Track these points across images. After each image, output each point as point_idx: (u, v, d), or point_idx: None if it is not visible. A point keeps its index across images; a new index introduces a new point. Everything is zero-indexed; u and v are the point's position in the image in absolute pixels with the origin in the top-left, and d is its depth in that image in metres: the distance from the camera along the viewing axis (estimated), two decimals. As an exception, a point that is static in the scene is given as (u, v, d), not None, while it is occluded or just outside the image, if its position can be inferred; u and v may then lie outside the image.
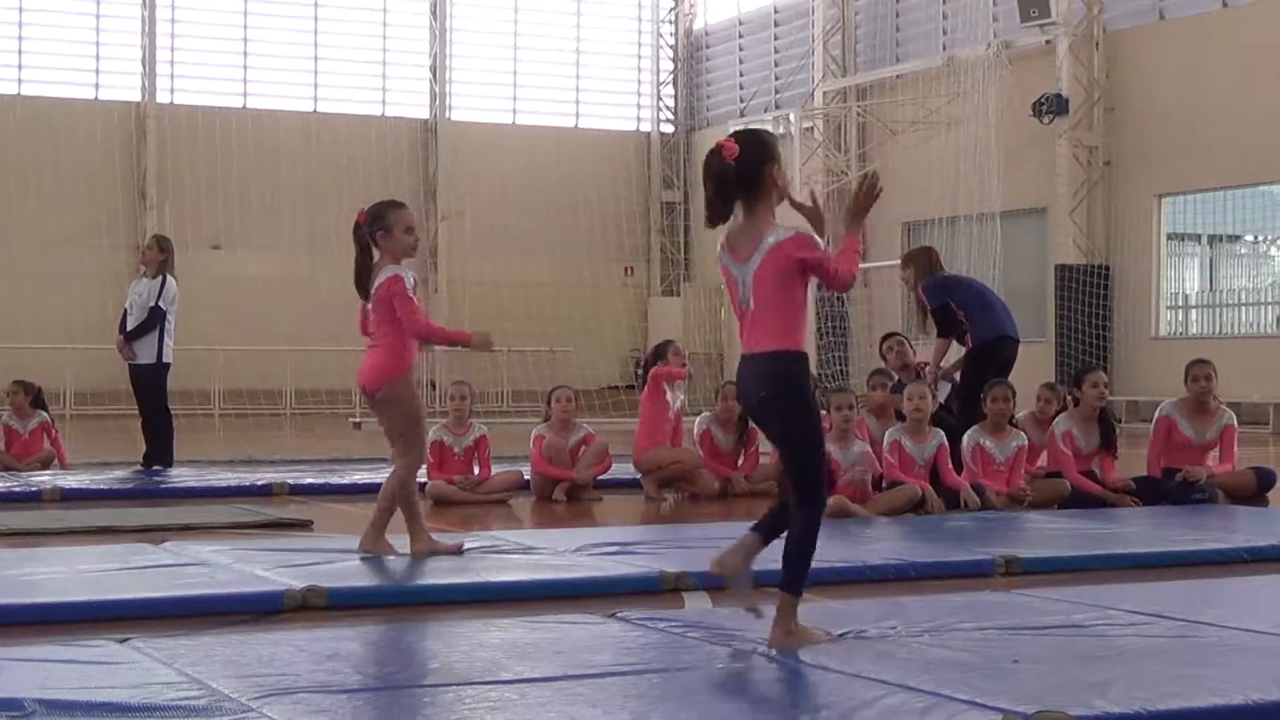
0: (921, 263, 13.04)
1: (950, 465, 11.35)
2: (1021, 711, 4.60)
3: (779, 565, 5.77)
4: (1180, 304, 28.08)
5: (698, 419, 13.19)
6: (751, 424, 13.17)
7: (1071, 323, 26.94)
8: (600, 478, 12.75)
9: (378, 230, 8.38)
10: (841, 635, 5.91)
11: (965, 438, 11.60)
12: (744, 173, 5.76)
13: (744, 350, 5.89)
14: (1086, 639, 5.95)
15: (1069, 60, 27.46)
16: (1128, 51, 27.63)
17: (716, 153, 5.75)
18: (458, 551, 8.43)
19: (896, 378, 12.95)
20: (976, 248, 27.43)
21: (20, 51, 32.53)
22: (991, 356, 12.37)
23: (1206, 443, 11.99)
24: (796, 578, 5.75)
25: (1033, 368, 20.20)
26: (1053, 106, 27.37)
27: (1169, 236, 27.68)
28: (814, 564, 5.83)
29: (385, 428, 8.70)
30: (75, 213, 31.48)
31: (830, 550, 8.66)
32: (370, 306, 8.48)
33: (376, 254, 8.45)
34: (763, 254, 5.74)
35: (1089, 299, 27.00)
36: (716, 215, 5.79)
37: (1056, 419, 11.95)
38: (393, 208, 8.49)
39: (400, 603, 7.02)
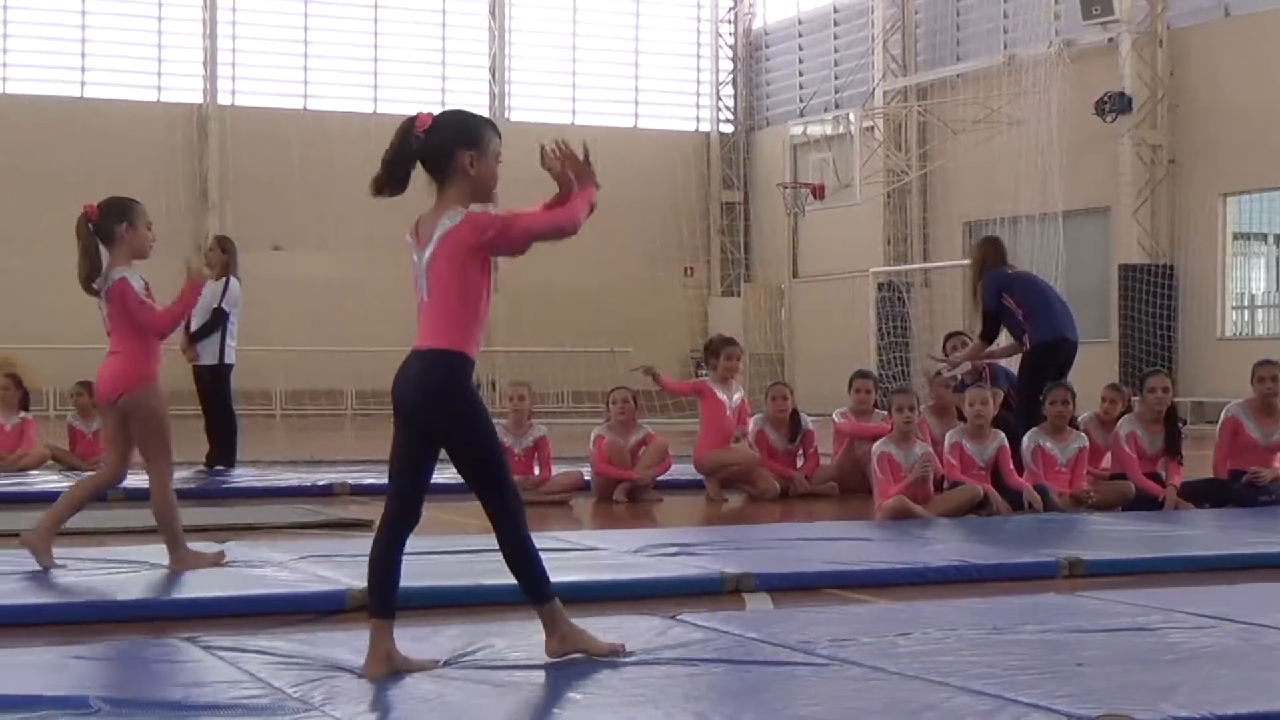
0: (981, 255, 12.94)
1: (1012, 466, 11.30)
2: (1086, 715, 4.58)
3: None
4: (1246, 304, 27.88)
5: (752, 420, 13.17)
6: (808, 425, 13.16)
7: (1135, 323, 26.78)
8: (661, 478, 12.74)
9: (120, 224, 8.03)
10: (902, 635, 5.89)
11: (1025, 439, 11.54)
12: (428, 149, 5.40)
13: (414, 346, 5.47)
14: (1151, 642, 5.91)
15: (1132, 58, 27.30)
16: (1192, 48, 27.44)
17: (409, 122, 5.44)
18: (219, 562, 8.00)
19: (960, 378, 12.90)
20: (1039, 248, 27.30)
21: (83, 55, 32.79)
22: (1050, 358, 12.28)
23: (1273, 444, 11.87)
24: (540, 581, 5.48)
25: (1096, 368, 20.11)
26: (1116, 105, 27.22)
27: (1234, 236, 27.49)
28: (876, 565, 5.80)
29: (117, 437, 8.10)
30: (138, 214, 31.59)
31: (891, 552, 8.67)
32: (106, 308, 8.06)
33: (106, 253, 8.06)
34: (435, 241, 5.36)
35: (1153, 299, 26.83)
36: (381, 185, 5.38)
37: (1121, 420, 11.88)
38: (132, 203, 8.19)
39: (462, 602, 7.04)
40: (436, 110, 5.53)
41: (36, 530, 7.87)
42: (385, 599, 5.36)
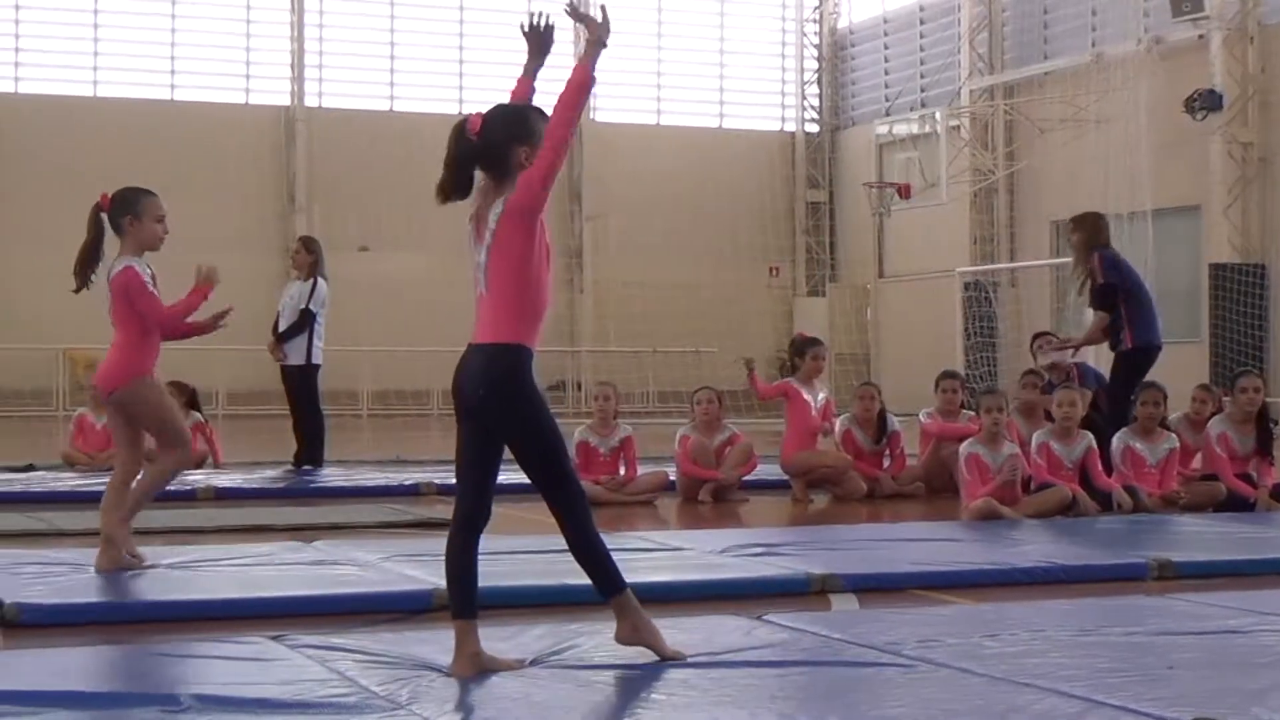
0: (1091, 228, 12.73)
1: (1100, 467, 11.22)
2: (1175, 719, 4.54)
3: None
4: (1339, 303, 27.53)
5: (839, 420, 13.13)
6: (894, 425, 13.11)
7: (1226, 323, 26.50)
8: (746, 478, 12.72)
9: (126, 216, 7.94)
10: (989, 637, 5.85)
11: (1115, 440, 11.45)
12: (485, 149, 5.43)
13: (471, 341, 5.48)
14: (1242, 645, 5.86)
15: (1222, 55, 27.01)
16: (1283, 45, 27.14)
17: (461, 125, 5.48)
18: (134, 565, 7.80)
19: (1048, 378, 12.81)
20: (1128, 247, 26.94)
21: (173, 58, 33.08)
22: (1148, 361, 12.16)
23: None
24: (610, 574, 5.47)
25: (1187, 369, 19.93)
26: (1206, 102, 26.93)
27: (1328, 234, 27.17)
28: (963, 566, 5.78)
29: (122, 431, 8.07)
30: (226, 216, 31.95)
31: (978, 553, 8.63)
32: (110, 300, 8.00)
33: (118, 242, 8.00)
34: (493, 225, 5.36)
35: (1245, 299, 26.53)
36: (446, 191, 5.45)
37: (1211, 421, 11.76)
38: (145, 194, 8.05)
39: (548, 602, 7.05)
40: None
41: (105, 555, 7.74)
42: (466, 599, 5.37)
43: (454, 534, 5.46)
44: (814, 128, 37.61)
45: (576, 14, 5.57)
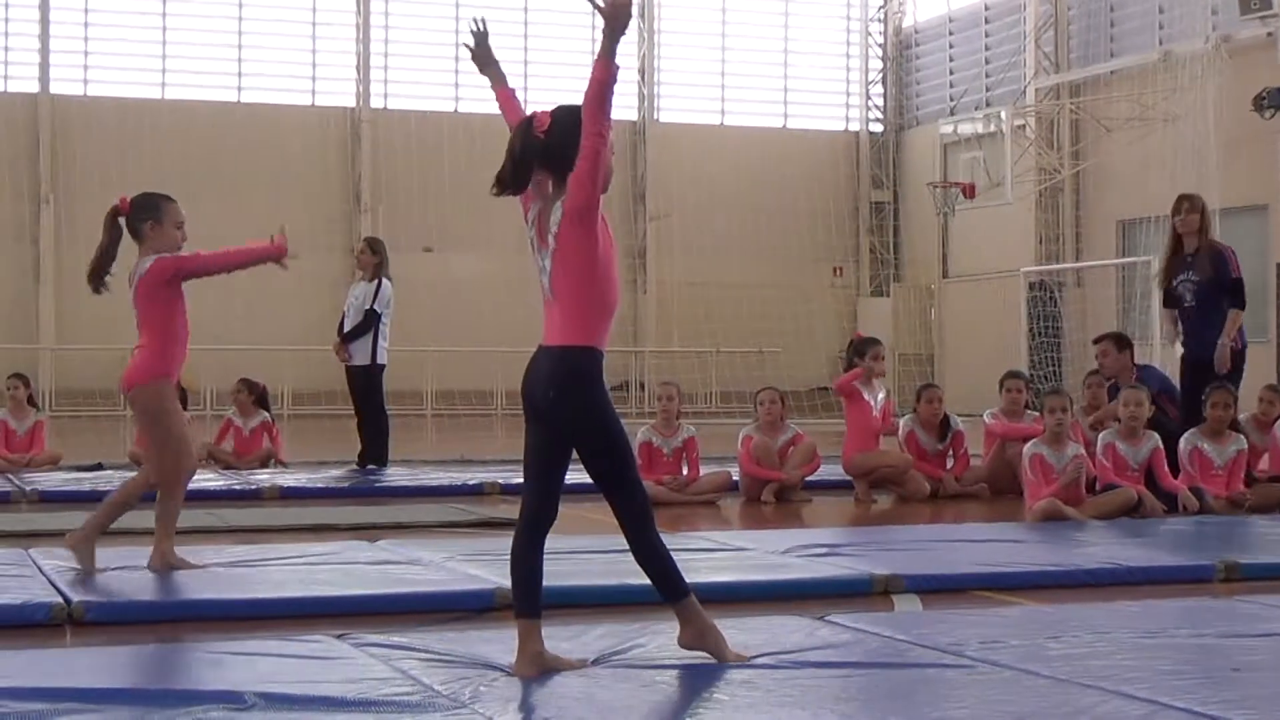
0: (1207, 214, 12.54)
1: (1166, 468, 11.14)
2: (1242, 720, 4.51)
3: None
4: None
5: (901, 421, 13.10)
6: (958, 426, 13.07)
7: (1294, 323, 26.28)
8: (809, 479, 12.70)
9: (147, 220, 7.93)
10: (1053, 638, 5.82)
11: (1183, 441, 11.37)
12: (550, 148, 5.41)
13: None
14: (1310, 647, 5.81)
15: (1291, 53, 26.76)
16: (1355, 43, 26.87)
17: (528, 122, 5.47)
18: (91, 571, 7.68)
19: (1113, 380, 12.72)
20: (1194, 246, 26.86)
21: (240, 60, 33.28)
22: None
23: None
24: (674, 577, 5.45)
25: (1254, 369, 19.73)
26: (1274, 101, 26.66)
27: (1397, 233, 26.89)
28: (1027, 567, 5.75)
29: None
30: (292, 217, 31.76)
31: (1043, 554, 8.58)
32: (133, 302, 8.00)
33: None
34: (556, 226, 5.36)
35: (1313, 298, 26.31)
36: (503, 185, 5.45)
37: (1279, 421, 11.67)
38: (165, 200, 8.04)
39: (610, 601, 7.06)
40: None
41: (156, 552, 7.79)
42: (530, 599, 5.38)
43: (520, 534, 5.48)
44: (878, 127, 37.49)
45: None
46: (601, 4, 5.32)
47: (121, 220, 8.07)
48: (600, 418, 5.39)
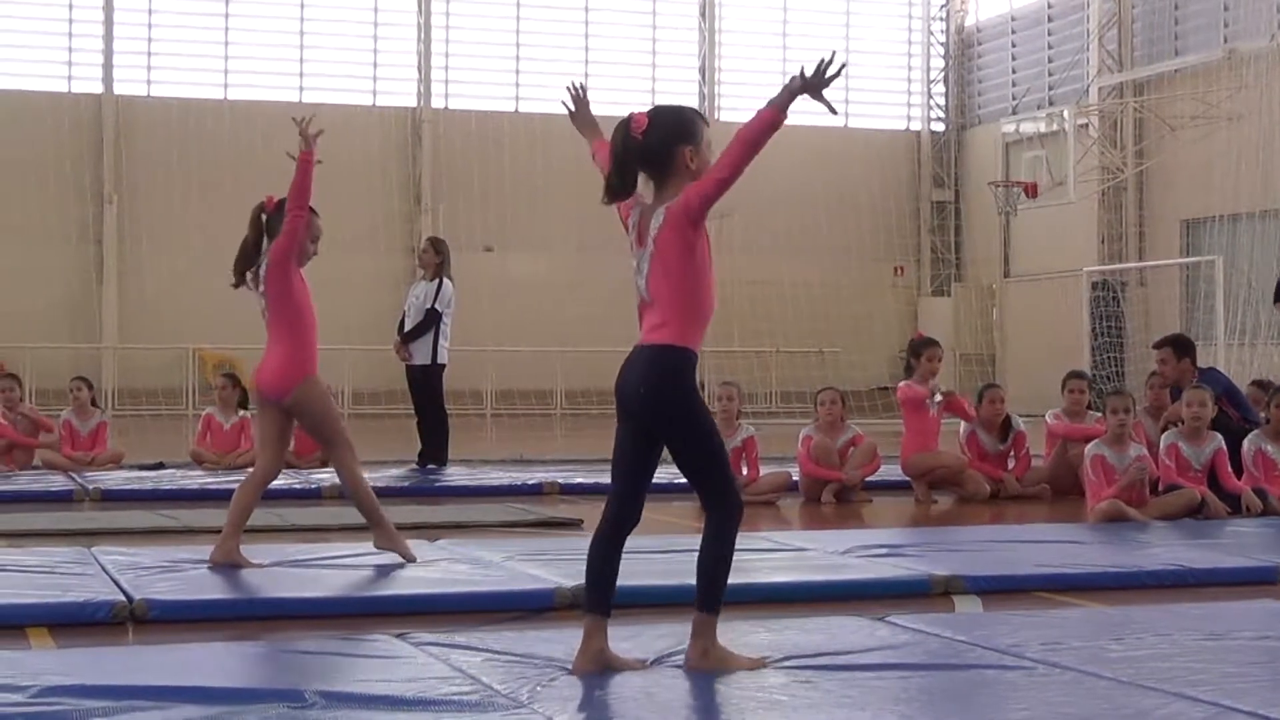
0: None
1: (1229, 469, 11.07)
2: (1306, 724, 4.48)
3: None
4: None
5: (963, 422, 13.06)
6: (1019, 426, 13.01)
7: (1360, 323, 26.02)
8: (869, 479, 12.67)
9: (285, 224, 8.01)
10: (1115, 640, 5.79)
11: (1246, 442, 11.29)
12: (649, 149, 5.37)
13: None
14: (1376, 650, 5.76)
15: (1359, 50, 26.57)
16: None
17: (625, 125, 5.42)
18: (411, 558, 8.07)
19: (1176, 380, 12.62)
20: (1259, 246, 26.68)
21: (302, 60, 33.45)
22: None
23: None
24: (720, 590, 5.39)
25: (1319, 369, 19.56)
26: (1340, 99, 26.49)
27: None
28: (1089, 568, 5.72)
29: (272, 433, 8.15)
30: (354, 216, 32.24)
31: (1105, 555, 8.54)
32: (264, 300, 8.11)
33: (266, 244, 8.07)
34: (655, 230, 5.35)
35: (1378, 298, 26.03)
36: (613, 192, 5.41)
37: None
38: (310, 211, 8.12)
39: (669, 602, 7.06)
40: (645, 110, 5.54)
41: (221, 547, 7.89)
42: (602, 597, 5.39)
43: (601, 532, 5.47)
44: (940, 126, 37.38)
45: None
46: (812, 74, 5.26)
47: (264, 217, 8.19)
48: (689, 416, 5.38)
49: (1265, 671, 5.31)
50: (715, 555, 5.40)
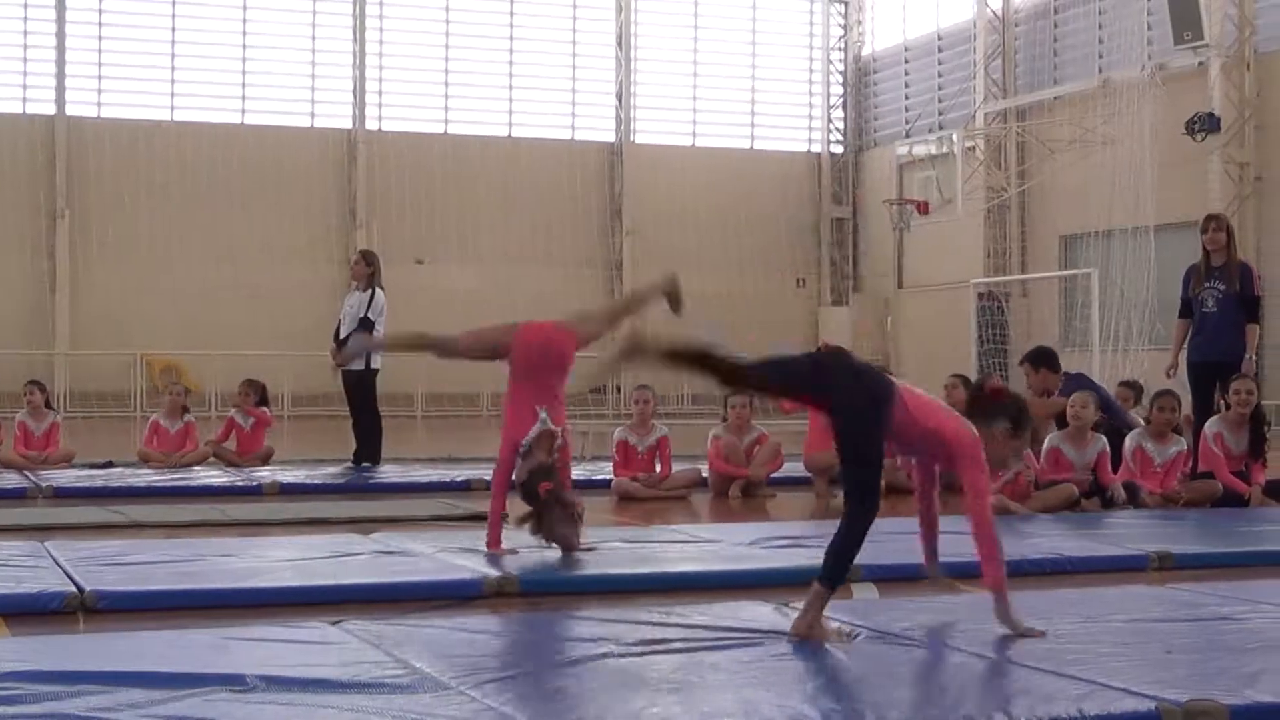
0: (1233, 232, 12.57)
1: (1109, 467, 11.15)
2: (1175, 700, 4.52)
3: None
4: (1328, 314, 27.30)
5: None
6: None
7: (1224, 332, 26.29)
8: (773, 475, 12.70)
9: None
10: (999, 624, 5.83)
11: (1127, 440, 11.41)
12: (980, 406, 6.22)
13: None
14: (1238, 631, 5.82)
15: (1221, 80, 26.89)
16: (1277, 71, 26.98)
17: (980, 384, 6.25)
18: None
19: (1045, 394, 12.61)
20: (1131, 259, 26.96)
21: (244, 84, 33.21)
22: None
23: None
24: (838, 572, 5.67)
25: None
26: (1205, 125, 26.80)
27: (1318, 248, 26.96)
28: (975, 557, 5.77)
29: None
30: (293, 231, 32.12)
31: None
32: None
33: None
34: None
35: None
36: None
37: (1208, 422, 11.69)
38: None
39: (588, 590, 7.06)
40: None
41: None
42: (842, 571, 5.67)
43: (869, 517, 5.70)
44: (839, 149, 37.56)
45: None
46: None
47: None
48: (864, 405, 5.71)
49: (1136, 652, 5.36)
50: (842, 537, 5.66)
